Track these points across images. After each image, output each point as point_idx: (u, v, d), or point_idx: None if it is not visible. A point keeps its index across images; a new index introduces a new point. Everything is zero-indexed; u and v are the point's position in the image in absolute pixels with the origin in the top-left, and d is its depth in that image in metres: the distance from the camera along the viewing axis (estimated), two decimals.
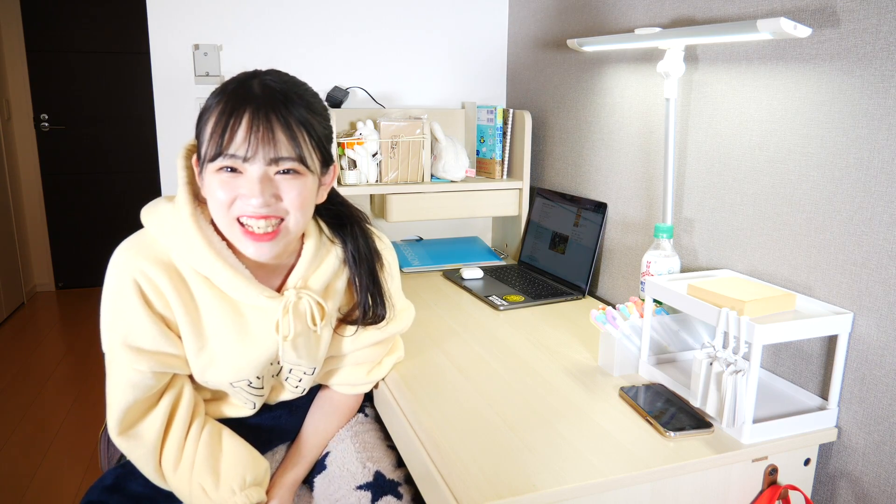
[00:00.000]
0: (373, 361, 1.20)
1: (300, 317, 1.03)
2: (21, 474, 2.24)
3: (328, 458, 1.16)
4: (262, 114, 0.88)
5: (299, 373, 1.13)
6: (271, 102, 0.89)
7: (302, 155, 0.91)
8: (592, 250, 1.65)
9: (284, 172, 0.92)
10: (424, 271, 1.90)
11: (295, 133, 0.90)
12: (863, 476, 1.03)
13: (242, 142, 0.88)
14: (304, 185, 0.94)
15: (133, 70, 4.15)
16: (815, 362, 1.10)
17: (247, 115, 0.88)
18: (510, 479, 0.88)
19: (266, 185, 0.90)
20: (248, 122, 0.88)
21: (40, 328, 3.65)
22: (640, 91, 1.51)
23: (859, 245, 1.01)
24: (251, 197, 0.90)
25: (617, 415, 1.06)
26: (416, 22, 2.03)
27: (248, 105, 0.89)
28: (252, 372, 1.06)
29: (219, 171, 0.91)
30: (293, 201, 0.93)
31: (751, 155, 1.21)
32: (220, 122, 0.89)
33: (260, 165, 0.90)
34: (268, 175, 0.91)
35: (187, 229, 0.96)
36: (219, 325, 1.01)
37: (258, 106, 0.89)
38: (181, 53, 1.84)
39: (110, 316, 0.99)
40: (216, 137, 0.89)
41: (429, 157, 1.88)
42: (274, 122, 0.89)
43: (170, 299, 0.98)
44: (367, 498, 1.05)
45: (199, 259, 0.97)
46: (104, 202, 4.28)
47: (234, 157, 0.89)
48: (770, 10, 1.14)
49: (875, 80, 0.97)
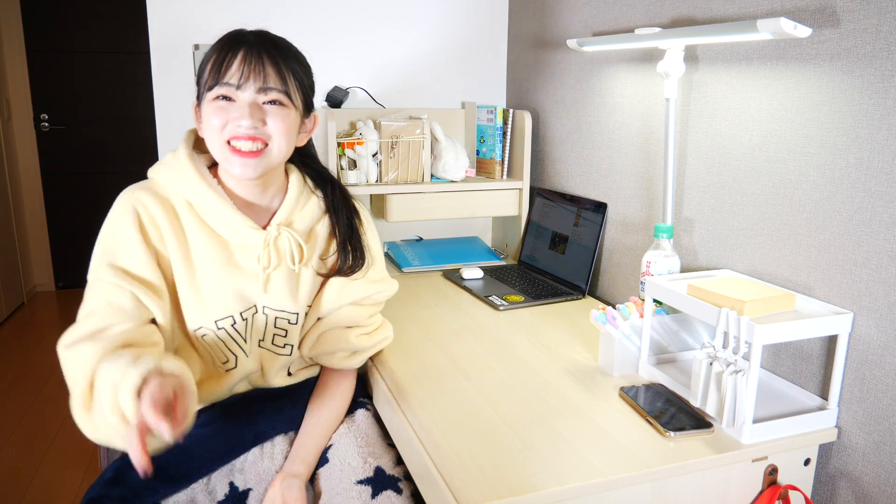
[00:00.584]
0: (358, 327, 1.23)
1: (280, 253, 1.12)
2: (21, 474, 2.24)
3: (330, 451, 1.17)
4: (254, 51, 1.02)
5: (284, 323, 1.17)
6: (264, 44, 1.04)
7: (288, 90, 1.04)
8: (592, 250, 1.65)
9: (271, 103, 1.04)
10: (424, 271, 1.90)
11: (283, 71, 1.04)
12: (863, 476, 1.03)
13: (236, 71, 1.01)
14: (288, 116, 1.06)
15: (133, 70, 4.15)
16: (815, 362, 1.10)
17: (241, 50, 1.02)
18: (510, 479, 0.88)
19: (255, 110, 1.02)
20: (243, 56, 1.01)
21: (40, 328, 3.65)
22: (640, 91, 1.51)
23: (859, 245, 1.01)
24: (241, 119, 1.01)
25: (617, 415, 1.06)
26: (416, 22, 2.03)
27: (242, 44, 1.03)
28: (236, 305, 1.11)
29: (215, 99, 1.03)
30: (278, 127, 1.04)
31: (751, 155, 1.21)
32: (217, 59, 1.02)
33: (250, 93, 1.02)
34: (256, 102, 1.03)
35: (184, 164, 1.09)
36: (206, 258, 1.09)
37: (251, 45, 1.03)
38: (181, 53, 1.84)
39: (104, 242, 1.07)
40: (214, 70, 1.02)
41: (429, 157, 1.88)
42: (265, 58, 1.02)
43: (164, 231, 1.07)
44: (368, 493, 1.06)
45: (192, 189, 1.08)
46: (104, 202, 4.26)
47: (229, 86, 1.01)
48: (770, 10, 1.14)
49: (875, 80, 0.97)
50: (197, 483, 1.12)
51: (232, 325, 1.12)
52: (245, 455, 1.16)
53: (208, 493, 1.11)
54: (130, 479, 1.09)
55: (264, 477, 1.13)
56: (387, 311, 1.46)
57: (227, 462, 1.15)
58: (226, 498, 1.10)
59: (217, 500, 1.10)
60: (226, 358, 1.16)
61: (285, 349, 1.20)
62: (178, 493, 1.11)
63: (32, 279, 4.26)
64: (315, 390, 1.25)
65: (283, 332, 1.18)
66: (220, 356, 1.15)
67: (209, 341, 1.13)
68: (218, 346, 1.14)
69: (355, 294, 1.21)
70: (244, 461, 1.16)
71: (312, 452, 1.16)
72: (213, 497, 1.11)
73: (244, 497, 1.11)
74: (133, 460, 0.82)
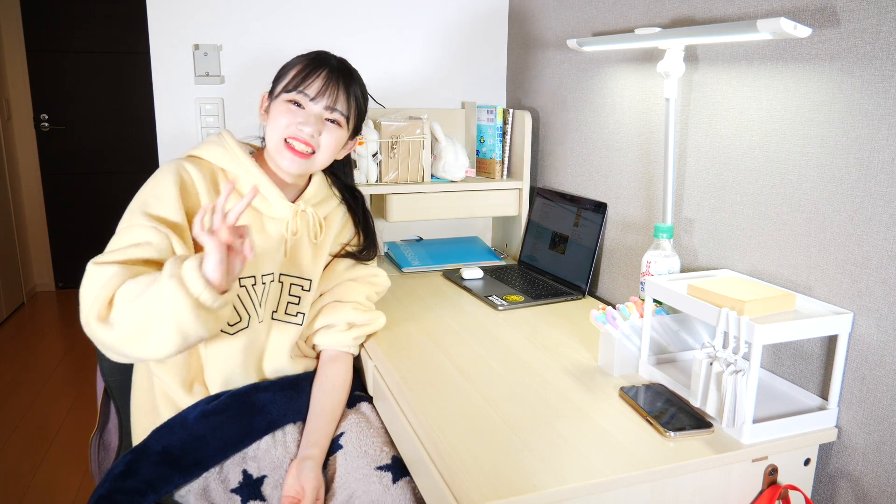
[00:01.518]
0: (355, 303, 1.35)
1: (305, 226, 1.28)
2: (21, 474, 2.24)
3: (343, 438, 1.20)
4: (335, 75, 1.20)
5: (297, 290, 1.29)
6: (344, 73, 1.23)
7: (348, 115, 1.23)
8: (592, 250, 1.65)
9: (332, 121, 1.21)
10: (424, 271, 1.90)
11: (349, 99, 1.22)
12: (863, 476, 1.03)
13: (315, 86, 1.18)
14: (339, 135, 1.23)
15: (133, 70, 4.15)
16: (815, 362, 1.10)
17: (325, 71, 1.20)
18: (510, 479, 0.88)
19: (318, 122, 1.20)
20: (325, 76, 1.20)
21: (40, 328, 3.65)
22: (640, 91, 1.51)
23: (859, 245, 1.01)
24: (306, 125, 1.18)
25: (617, 415, 1.06)
26: (416, 22, 2.03)
27: (328, 66, 1.21)
28: (260, 266, 1.23)
29: (288, 101, 1.19)
30: (328, 142, 1.21)
31: (751, 155, 1.21)
32: (305, 68, 1.20)
33: (320, 107, 1.20)
34: (321, 116, 1.20)
35: (230, 143, 1.24)
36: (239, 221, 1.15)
37: (334, 69, 1.21)
38: (181, 53, 1.84)
39: (141, 195, 1.15)
40: (299, 77, 1.19)
41: (429, 157, 1.88)
42: (341, 84, 1.21)
43: (201, 194, 1.17)
44: (389, 478, 1.10)
45: (236, 163, 1.22)
46: (104, 202, 4.28)
47: (305, 95, 1.19)
48: (770, 10, 1.14)
49: (875, 80, 0.97)
50: (210, 471, 1.14)
51: (252, 286, 1.22)
52: (258, 443, 1.19)
53: (221, 482, 1.13)
54: (143, 471, 1.10)
55: (278, 464, 1.15)
56: (388, 312, 1.46)
57: (240, 450, 1.17)
58: (239, 486, 1.12)
59: (231, 488, 1.12)
60: (238, 318, 1.21)
61: (297, 317, 1.29)
62: (191, 482, 1.12)
63: (32, 279, 4.26)
64: (315, 381, 1.30)
65: (297, 299, 1.29)
66: (232, 316, 1.20)
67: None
68: (233, 304, 1.19)
69: (354, 272, 1.38)
70: (257, 449, 1.18)
71: (323, 436, 1.20)
72: (227, 485, 1.12)
73: (259, 484, 1.12)
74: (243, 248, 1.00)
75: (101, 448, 1.41)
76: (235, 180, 1.14)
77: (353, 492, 1.09)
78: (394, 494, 1.07)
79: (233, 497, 1.11)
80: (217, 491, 1.12)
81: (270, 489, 1.12)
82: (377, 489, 1.08)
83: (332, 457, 1.18)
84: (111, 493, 1.08)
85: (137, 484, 1.09)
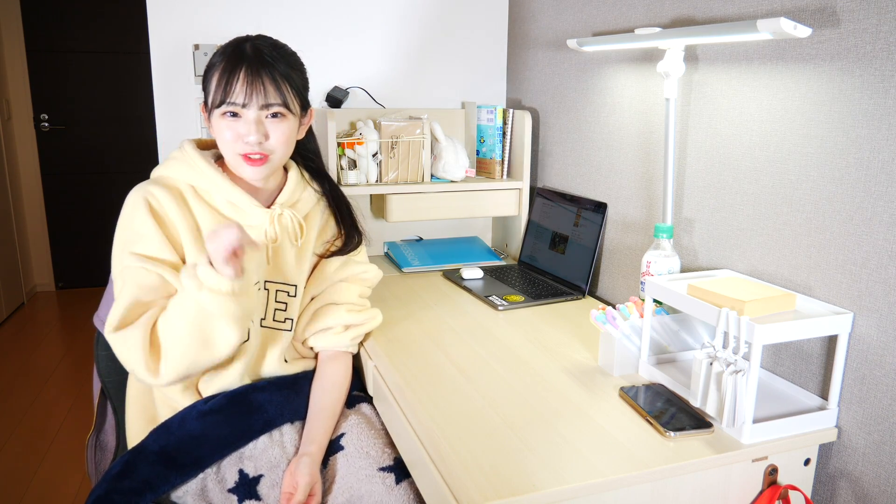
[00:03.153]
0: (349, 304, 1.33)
1: (283, 230, 1.24)
2: (21, 474, 2.24)
3: (344, 439, 1.20)
4: (253, 69, 1.12)
5: (283, 296, 1.27)
6: (261, 61, 1.13)
7: (286, 101, 1.15)
8: (592, 250, 1.65)
9: (273, 116, 1.15)
10: (424, 271, 1.90)
11: (279, 84, 1.14)
12: (863, 476, 1.03)
13: (240, 92, 1.12)
14: (288, 126, 1.18)
15: (133, 70, 4.16)
16: (815, 362, 1.10)
17: (242, 71, 1.12)
18: (510, 479, 0.88)
19: (259, 126, 1.14)
20: (244, 76, 1.12)
21: (40, 328, 3.65)
22: (640, 91, 1.51)
23: (859, 245, 1.01)
24: (248, 135, 1.13)
25: (617, 415, 1.06)
26: (416, 22, 2.03)
27: (242, 63, 1.12)
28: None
29: (223, 115, 1.14)
30: (279, 139, 1.17)
31: (751, 155, 1.21)
32: (222, 78, 1.13)
33: (254, 110, 1.13)
34: (260, 118, 1.14)
35: (193, 157, 1.20)
36: None
37: (250, 63, 1.12)
38: (181, 53, 1.84)
39: (121, 235, 1.15)
40: (220, 89, 1.13)
41: (429, 157, 1.88)
42: (263, 76, 1.13)
43: (174, 217, 1.16)
44: (392, 479, 1.10)
45: (202, 177, 1.19)
46: (104, 202, 4.28)
47: (234, 104, 1.13)
48: (770, 10, 1.14)
49: (875, 80, 0.97)
50: (207, 471, 1.14)
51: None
52: (254, 443, 1.19)
53: (219, 482, 1.13)
54: (141, 471, 1.10)
55: (275, 464, 1.15)
56: (388, 312, 1.46)
57: (237, 449, 1.17)
58: (236, 485, 1.12)
59: (227, 488, 1.12)
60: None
61: (286, 324, 1.28)
62: (188, 482, 1.12)
63: (32, 279, 4.26)
64: (315, 380, 1.30)
65: (284, 305, 1.27)
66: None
67: None
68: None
69: (344, 272, 1.35)
70: (253, 448, 1.18)
71: (321, 433, 1.20)
72: (224, 485, 1.12)
73: (255, 483, 1.12)
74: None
75: (97, 449, 1.41)
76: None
77: (355, 493, 1.09)
78: (397, 496, 1.07)
79: (230, 497, 1.11)
80: (214, 491, 1.12)
81: (267, 489, 1.12)
82: (380, 490, 1.07)
83: (333, 457, 1.17)
84: (108, 493, 1.08)
85: (135, 484, 1.09)
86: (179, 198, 1.18)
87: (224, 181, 1.19)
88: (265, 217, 1.21)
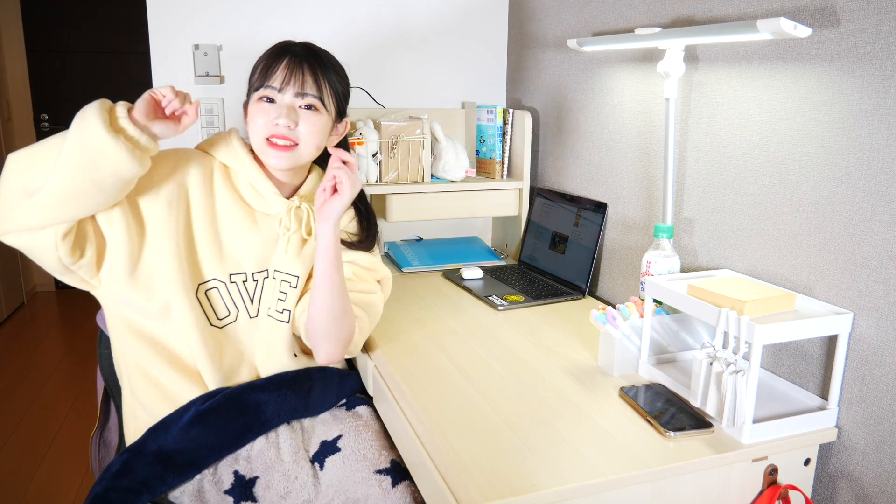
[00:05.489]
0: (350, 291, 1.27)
1: (299, 222, 1.25)
2: (21, 474, 2.24)
3: (341, 441, 1.19)
4: (297, 60, 1.17)
5: (286, 286, 1.25)
6: (306, 54, 1.18)
7: (322, 97, 1.18)
8: (592, 250, 1.65)
9: (307, 107, 1.17)
10: (424, 271, 1.90)
11: (320, 80, 1.17)
12: (863, 476, 1.03)
13: (279, 76, 1.15)
14: (319, 120, 1.18)
15: (133, 70, 4.16)
16: (815, 362, 1.10)
17: (287, 59, 1.16)
18: (510, 479, 0.88)
19: (290, 111, 1.16)
20: (286, 63, 1.16)
21: (40, 328, 3.65)
22: (640, 91, 1.51)
23: (859, 245, 1.01)
24: (279, 118, 1.15)
25: (617, 415, 1.06)
26: (415, 22, 2.03)
27: (288, 52, 1.17)
28: (251, 264, 1.22)
29: (259, 100, 1.17)
30: (308, 129, 1.17)
31: (751, 155, 1.21)
32: (266, 63, 1.17)
33: (289, 96, 1.16)
34: (293, 105, 1.16)
35: (232, 138, 1.24)
36: (230, 216, 1.21)
37: (296, 54, 1.17)
38: (181, 53, 1.84)
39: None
40: (261, 73, 1.17)
41: (429, 157, 1.88)
42: (305, 66, 1.16)
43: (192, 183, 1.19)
44: (388, 482, 1.09)
45: (235, 157, 1.22)
46: None
47: (272, 88, 1.15)
48: (770, 10, 1.14)
49: (875, 80, 0.97)
50: (204, 472, 1.14)
51: (243, 282, 1.22)
52: (250, 445, 1.18)
53: (215, 483, 1.13)
54: (138, 471, 1.10)
55: (270, 465, 1.15)
56: (388, 311, 1.46)
57: (234, 451, 1.17)
58: (232, 487, 1.12)
59: (223, 489, 1.12)
60: (227, 312, 1.21)
61: (283, 315, 1.26)
62: (185, 483, 1.12)
63: (32, 279, 4.26)
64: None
65: (284, 295, 1.25)
66: (221, 310, 1.20)
67: (212, 297, 1.19)
68: (222, 301, 1.20)
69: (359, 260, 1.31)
70: (249, 450, 1.18)
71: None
72: (220, 486, 1.13)
73: (251, 485, 1.12)
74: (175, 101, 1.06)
75: (101, 446, 1.41)
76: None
77: (351, 495, 1.09)
78: (393, 498, 1.07)
79: (226, 498, 1.11)
80: (211, 492, 1.12)
81: (262, 490, 1.12)
82: (377, 493, 1.07)
83: (330, 459, 1.17)
84: (106, 491, 1.08)
85: (132, 483, 1.09)
86: (207, 169, 1.21)
87: (252, 163, 1.22)
88: (283, 206, 1.23)
